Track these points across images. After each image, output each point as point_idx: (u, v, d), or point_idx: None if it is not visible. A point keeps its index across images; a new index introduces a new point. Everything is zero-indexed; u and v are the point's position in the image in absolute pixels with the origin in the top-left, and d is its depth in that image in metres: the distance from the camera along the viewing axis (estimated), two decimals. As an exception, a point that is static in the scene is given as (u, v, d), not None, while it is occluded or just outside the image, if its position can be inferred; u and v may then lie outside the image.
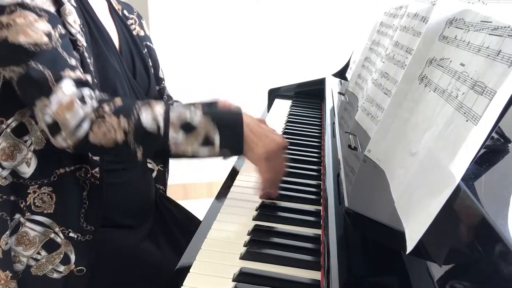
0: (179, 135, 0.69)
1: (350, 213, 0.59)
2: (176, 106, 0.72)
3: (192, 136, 0.69)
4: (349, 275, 0.50)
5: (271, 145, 0.72)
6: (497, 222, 0.39)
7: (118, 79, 0.81)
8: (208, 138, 0.69)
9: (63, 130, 0.67)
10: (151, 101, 0.72)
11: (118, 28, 0.90)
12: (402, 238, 0.46)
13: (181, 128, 0.69)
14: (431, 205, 0.43)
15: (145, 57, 0.94)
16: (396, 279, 0.49)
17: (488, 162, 0.54)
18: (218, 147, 0.70)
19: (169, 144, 0.69)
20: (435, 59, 0.59)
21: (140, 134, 0.68)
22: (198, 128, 0.69)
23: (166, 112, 0.70)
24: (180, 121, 0.69)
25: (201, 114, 0.70)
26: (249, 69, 2.30)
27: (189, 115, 0.69)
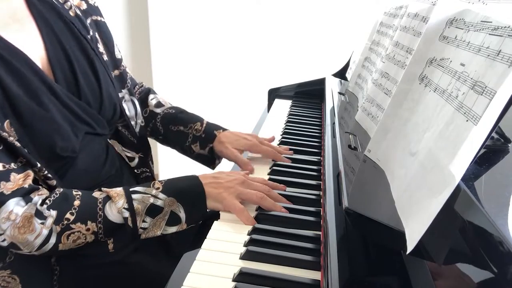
0: (147, 220, 0.68)
1: (350, 213, 0.59)
2: (138, 192, 0.69)
3: (159, 218, 0.69)
4: (349, 275, 0.50)
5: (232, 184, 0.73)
6: (497, 222, 0.39)
7: (52, 129, 0.67)
8: (175, 216, 0.69)
9: (25, 249, 0.63)
10: (111, 193, 0.68)
11: (40, 25, 0.71)
12: (402, 238, 0.46)
13: (147, 213, 0.68)
14: (431, 205, 0.43)
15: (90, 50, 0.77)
16: (396, 279, 0.49)
17: (488, 162, 0.54)
18: (185, 223, 0.70)
19: (138, 231, 0.68)
20: (435, 59, 0.59)
21: (109, 229, 0.67)
22: (164, 209, 0.69)
23: (130, 202, 0.68)
24: (144, 206, 0.68)
25: (163, 195, 0.69)
26: (249, 69, 2.30)
27: (152, 199, 0.69)
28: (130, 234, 0.68)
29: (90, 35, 0.79)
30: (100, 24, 0.84)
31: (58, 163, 0.71)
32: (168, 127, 0.96)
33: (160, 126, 0.97)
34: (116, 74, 0.86)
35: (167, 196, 0.69)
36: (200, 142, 0.95)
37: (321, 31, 2.26)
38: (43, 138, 0.66)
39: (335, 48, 2.18)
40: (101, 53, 0.81)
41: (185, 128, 0.96)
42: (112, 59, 0.85)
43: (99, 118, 0.77)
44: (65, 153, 0.70)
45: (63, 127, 0.69)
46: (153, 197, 0.69)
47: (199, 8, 2.15)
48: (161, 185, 0.71)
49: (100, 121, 0.77)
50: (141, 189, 0.70)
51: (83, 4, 0.82)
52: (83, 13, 0.81)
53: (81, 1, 0.82)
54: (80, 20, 0.78)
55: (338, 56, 1.51)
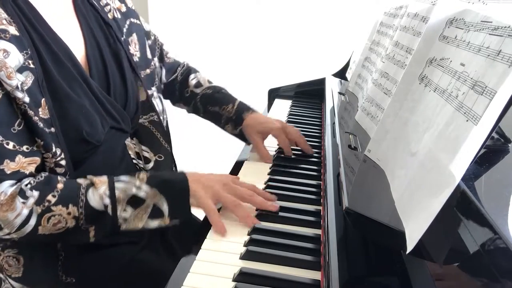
0: (128, 210, 0.67)
1: (350, 213, 0.59)
2: (121, 181, 0.69)
3: (141, 210, 0.68)
4: (349, 275, 0.50)
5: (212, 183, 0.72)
6: (497, 222, 0.39)
7: (82, 115, 0.71)
8: (157, 210, 0.68)
9: (5, 228, 0.63)
10: (95, 180, 0.68)
11: (83, 24, 0.78)
12: (402, 238, 0.46)
13: (128, 203, 0.67)
14: (431, 205, 0.43)
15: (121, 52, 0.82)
16: (396, 279, 0.49)
17: (488, 162, 0.54)
18: (168, 217, 0.69)
19: (119, 221, 0.68)
20: (435, 59, 0.59)
21: (90, 215, 0.66)
22: (146, 201, 0.68)
23: (112, 189, 0.67)
24: (126, 196, 0.67)
25: (146, 187, 0.69)
26: (249, 69, 2.30)
27: (135, 189, 0.68)
28: (110, 222, 0.67)
29: (123, 38, 0.84)
30: (137, 26, 0.90)
31: (82, 148, 0.72)
32: (206, 107, 1.02)
33: (200, 106, 1.03)
34: (147, 73, 0.89)
35: (150, 187, 0.68)
36: (231, 124, 0.99)
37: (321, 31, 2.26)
38: (73, 120, 0.69)
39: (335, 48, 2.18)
40: (132, 55, 0.85)
41: (219, 109, 1.00)
42: (144, 59, 0.89)
43: (125, 114, 0.81)
44: (91, 139, 0.72)
45: (92, 115, 0.72)
46: (136, 187, 0.68)
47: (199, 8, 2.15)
48: (146, 176, 0.70)
49: (125, 117, 0.81)
50: (126, 179, 0.70)
51: (123, 7, 0.88)
52: (122, 15, 0.87)
53: (121, 4, 0.88)
54: (116, 22, 0.84)
55: (338, 56, 1.51)
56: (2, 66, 0.61)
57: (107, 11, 0.83)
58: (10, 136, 0.63)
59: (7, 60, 0.62)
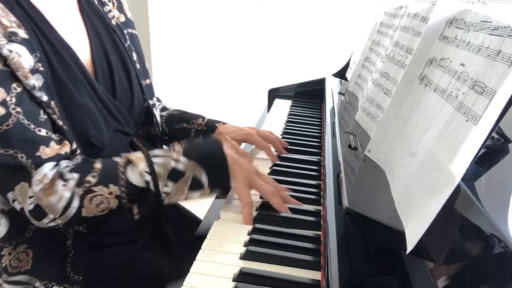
0: (169, 185, 0.68)
1: (350, 213, 0.59)
2: (158, 156, 0.70)
3: (181, 183, 0.68)
4: (349, 275, 0.50)
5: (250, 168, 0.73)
6: (497, 222, 0.39)
7: (88, 118, 0.71)
8: (197, 181, 0.69)
9: (50, 213, 0.64)
10: (132, 158, 0.69)
11: (89, 28, 0.78)
12: (402, 238, 0.46)
13: (169, 178, 0.68)
14: (431, 205, 0.43)
15: (126, 56, 0.83)
16: (396, 279, 0.49)
17: (488, 162, 0.54)
18: (208, 187, 0.70)
19: (161, 196, 0.68)
20: (435, 59, 0.59)
21: (132, 193, 0.67)
22: (185, 174, 0.68)
23: (150, 165, 0.68)
24: (166, 171, 0.68)
25: (185, 159, 0.69)
26: (249, 69, 2.30)
27: (173, 163, 0.68)
28: (153, 198, 0.68)
29: (127, 44, 0.85)
30: (134, 37, 0.91)
31: (87, 150, 0.72)
32: (172, 127, 0.99)
33: (165, 127, 1.01)
34: (147, 83, 0.90)
35: (188, 160, 0.69)
36: (202, 135, 0.97)
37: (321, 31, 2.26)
38: (79, 123, 0.70)
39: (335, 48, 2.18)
40: (135, 62, 0.86)
41: (187, 125, 0.98)
42: (143, 69, 0.90)
43: (129, 117, 0.81)
44: (96, 142, 0.72)
45: (98, 118, 0.72)
46: (174, 160, 0.69)
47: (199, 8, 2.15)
48: (182, 147, 0.71)
49: (129, 120, 0.81)
50: (162, 153, 0.70)
51: (122, 16, 0.89)
52: (122, 24, 0.87)
53: (121, 14, 0.88)
54: (120, 29, 0.85)
55: (338, 56, 1.51)
56: (18, 67, 0.62)
57: (110, 17, 0.84)
58: (40, 124, 0.64)
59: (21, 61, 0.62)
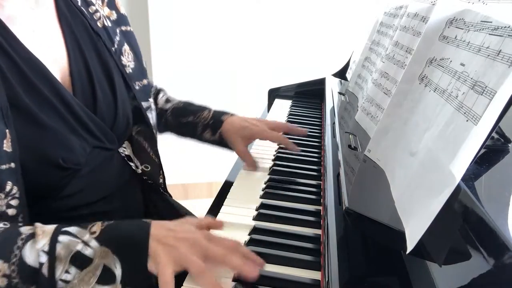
0: (71, 271, 0.54)
1: (350, 213, 0.59)
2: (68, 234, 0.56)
3: (88, 272, 0.54)
4: (349, 275, 0.50)
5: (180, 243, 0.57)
6: (497, 222, 0.39)
7: (55, 140, 0.64)
8: (108, 273, 0.55)
9: None
10: (38, 230, 0.56)
11: (67, 37, 0.70)
12: (402, 238, 0.46)
13: (72, 263, 0.54)
14: (431, 205, 0.43)
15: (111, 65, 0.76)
16: (396, 279, 0.49)
17: (488, 162, 0.54)
18: (120, 283, 0.55)
19: (57, 284, 0.54)
20: (435, 59, 0.59)
21: (26, 275, 0.53)
22: (93, 261, 0.55)
23: (52, 244, 0.55)
24: (68, 253, 0.54)
25: (95, 244, 0.55)
26: (249, 69, 2.30)
27: (80, 246, 0.55)
28: (47, 284, 0.54)
29: (114, 48, 0.78)
30: (129, 34, 0.83)
31: (59, 174, 0.66)
32: (178, 120, 0.95)
33: (172, 120, 0.97)
34: (143, 83, 0.84)
35: (100, 245, 0.55)
36: (209, 130, 0.93)
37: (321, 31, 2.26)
38: (47, 148, 0.63)
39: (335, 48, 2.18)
40: (124, 66, 0.79)
41: (194, 118, 0.94)
42: (140, 69, 0.83)
43: (111, 134, 0.75)
44: (69, 164, 0.66)
45: (67, 139, 0.65)
46: (83, 243, 0.55)
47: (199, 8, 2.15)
48: (101, 229, 0.57)
49: (111, 136, 0.75)
50: (74, 230, 0.57)
51: (114, 14, 0.81)
52: (113, 23, 0.80)
53: (112, 11, 0.81)
54: (106, 31, 0.78)
55: (338, 56, 1.51)
56: None
57: (96, 19, 0.76)
58: None
59: None
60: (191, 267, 0.56)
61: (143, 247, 0.56)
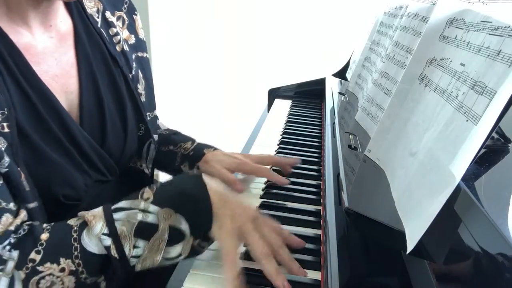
0: (139, 245, 0.52)
1: (350, 213, 0.59)
2: (121, 209, 0.54)
3: (155, 239, 0.53)
4: (349, 275, 0.50)
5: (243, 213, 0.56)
6: (497, 222, 0.39)
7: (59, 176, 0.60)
8: (176, 232, 0.53)
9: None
10: (87, 217, 0.53)
11: (81, 64, 0.66)
12: (402, 238, 0.46)
13: (137, 235, 0.52)
14: (431, 205, 0.43)
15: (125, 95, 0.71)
16: (396, 279, 0.49)
17: (488, 162, 0.54)
18: (191, 236, 0.54)
19: (130, 262, 0.52)
20: (435, 59, 0.59)
21: (92, 265, 0.52)
22: (159, 226, 0.53)
23: (110, 224, 0.52)
24: (132, 227, 0.52)
25: (155, 208, 0.53)
26: (249, 69, 2.30)
27: (141, 215, 0.53)
28: (120, 267, 0.52)
29: (132, 74, 0.73)
30: (144, 61, 0.78)
31: (57, 209, 0.61)
32: (159, 149, 0.86)
33: None
34: (154, 114, 0.79)
35: (161, 208, 0.53)
36: (188, 161, 0.83)
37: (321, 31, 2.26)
38: (49, 184, 0.59)
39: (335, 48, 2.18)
40: (140, 94, 0.74)
41: (174, 147, 0.85)
42: (151, 98, 0.78)
43: (114, 167, 0.70)
44: (69, 200, 0.62)
45: (71, 175, 0.61)
46: (142, 211, 0.53)
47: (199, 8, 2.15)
48: (153, 193, 0.55)
49: (114, 170, 0.70)
50: (126, 204, 0.55)
51: (132, 38, 0.76)
52: (130, 47, 0.75)
53: (131, 35, 0.76)
54: (125, 56, 0.73)
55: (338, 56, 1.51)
56: None
57: (115, 42, 0.71)
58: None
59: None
60: (256, 247, 0.54)
61: (205, 199, 0.55)
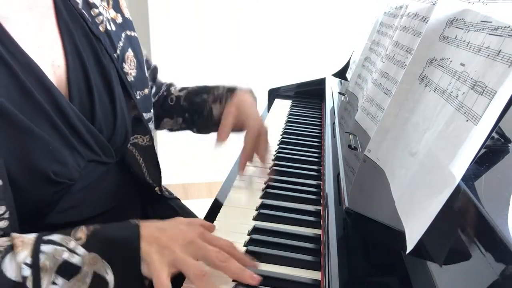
0: (58, 283, 0.50)
1: (350, 213, 0.59)
2: (51, 243, 0.52)
3: (77, 280, 0.51)
4: (349, 275, 0.50)
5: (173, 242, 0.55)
6: (497, 222, 0.39)
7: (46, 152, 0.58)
8: (99, 280, 0.51)
9: None
10: (16, 241, 0.51)
11: (65, 41, 0.66)
12: (402, 238, 0.46)
13: (59, 273, 0.50)
14: (431, 205, 0.43)
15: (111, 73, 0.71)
16: (396, 279, 0.49)
17: (488, 162, 0.54)
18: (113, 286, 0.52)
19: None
20: (435, 59, 0.59)
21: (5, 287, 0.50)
22: (82, 269, 0.51)
23: (35, 255, 0.50)
24: (55, 263, 0.50)
25: (83, 251, 0.52)
26: (249, 69, 2.30)
27: (67, 254, 0.51)
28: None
29: (117, 54, 0.73)
30: (134, 40, 0.78)
31: (51, 189, 0.61)
32: (192, 101, 0.89)
33: (186, 105, 0.91)
34: (145, 93, 0.79)
35: (88, 252, 0.52)
36: (219, 100, 0.86)
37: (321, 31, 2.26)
38: (37, 160, 0.58)
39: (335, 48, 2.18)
40: (127, 73, 0.74)
41: (207, 96, 0.88)
42: (142, 77, 0.78)
43: (108, 146, 0.70)
44: (61, 178, 0.61)
45: (60, 152, 0.60)
46: (69, 251, 0.51)
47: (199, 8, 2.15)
48: (86, 234, 0.54)
49: (108, 150, 0.70)
50: (58, 239, 0.53)
51: (119, 17, 0.76)
52: (118, 26, 0.75)
53: (117, 14, 0.76)
54: (109, 36, 0.72)
55: (338, 56, 1.51)
56: None
57: (98, 23, 0.71)
58: None
59: None
60: (187, 270, 0.53)
61: (135, 250, 0.53)
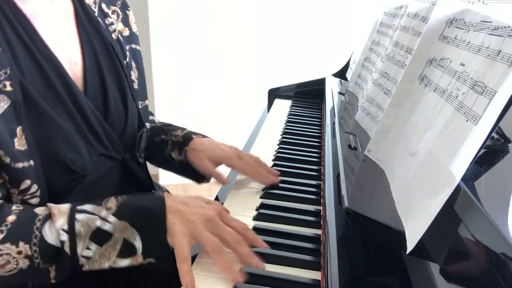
0: (91, 248, 0.56)
1: (350, 213, 0.59)
2: (84, 212, 0.58)
3: (108, 246, 0.57)
4: (349, 275, 0.50)
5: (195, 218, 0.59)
6: (497, 222, 0.39)
7: (65, 140, 0.63)
8: (128, 246, 0.57)
9: None
10: (54, 210, 0.58)
11: (83, 42, 0.71)
12: (402, 238, 0.46)
13: (92, 239, 0.56)
14: (431, 205, 0.43)
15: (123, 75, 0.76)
16: (396, 279, 0.49)
17: (488, 162, 0.54)
18: (141, 255, 0.58)
19: (79, 261, 0.56)
20: (435, 59, 0.59)
21: (46, 253, 0.56)
22: (113, 236, 0.57)
23: (71, 222, 0.56)
24: (88, 230, 0.56)
25: (114, 219, 0.58)
26: (249, 69, 2.30)
27: (99, 222, 0.57)
28: (69, 262, 0.56)
29: (126, 61, 0.78)
30: (137, 53, 0.83)
31: (65, 179, 0.66)
32: (152, 139, 0.90)
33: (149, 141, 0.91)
34: (146, 104, 0.84)
35: (118, 219, 0.57)
36: (177, 147, 0.86)
37: (321, 31, 2.27)
38: (57, 147, 0.63)
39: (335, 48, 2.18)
40: (133, 81, 0.80)
41: (166, 136, 0.89)
42: (143, 88, 0.83)
43: (118, 142, 0.74)
44: (76, 168, 0.65)
45: (76, 141, 0.65)
46: (101, 219, 0.57)
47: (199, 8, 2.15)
48: (116, 204, 0.59)
49: (118, 145, 0.74)
50: (90, 208, 0.59)
51: (127, 30, 0.82)
52: (124, 39, 0.81)
53: (125, 28, 0.81)
54: (120, 44, 0.78)
55: (338, 56, 1.51)
56: None
57: (111, 31, 0.77)
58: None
59: None
60: (206, 243, 0.58)
61: (161, 219, 0.58)
